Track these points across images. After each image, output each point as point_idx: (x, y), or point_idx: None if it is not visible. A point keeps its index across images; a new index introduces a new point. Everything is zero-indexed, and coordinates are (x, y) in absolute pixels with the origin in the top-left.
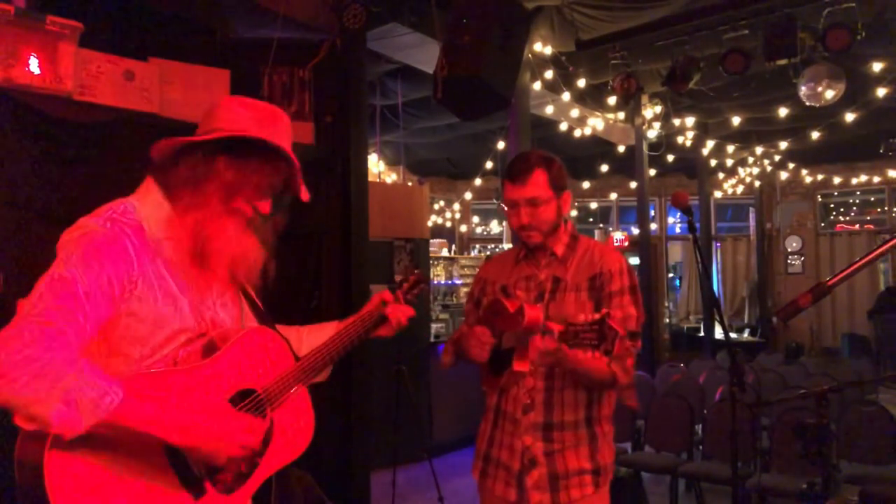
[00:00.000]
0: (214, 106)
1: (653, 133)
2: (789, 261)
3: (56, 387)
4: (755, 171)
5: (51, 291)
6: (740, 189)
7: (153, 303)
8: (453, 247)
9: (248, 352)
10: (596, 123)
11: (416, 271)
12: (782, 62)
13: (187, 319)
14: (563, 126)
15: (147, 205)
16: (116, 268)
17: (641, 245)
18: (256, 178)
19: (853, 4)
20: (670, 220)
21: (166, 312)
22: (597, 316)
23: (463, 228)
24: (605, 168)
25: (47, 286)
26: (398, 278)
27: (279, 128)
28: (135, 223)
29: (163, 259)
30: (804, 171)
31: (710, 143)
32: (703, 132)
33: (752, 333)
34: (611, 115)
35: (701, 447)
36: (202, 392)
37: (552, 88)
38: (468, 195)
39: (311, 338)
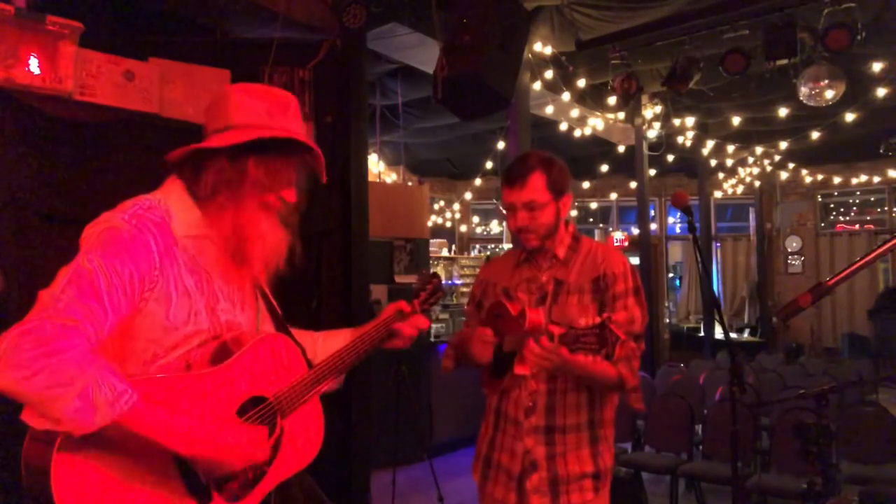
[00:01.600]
0: (221, 99)
1: (653, 133)
2: (789, 261)
3: (73, 384)
4: (755, 171)
5: (72, 285)
6: (740, 189)
7: (170, 303)
8: (453, 247)
9: (261, 358)
10: (596, 123)
11: (433, 279)
12: (782, 62)
13: (202, 322)
14: (563, 126)
15: (173, 203)
16: (138, 265)
17: (641, 245)
18: (285, 172)
19: (853, 4)
20: (670, 220)
21: (182, 314)
22: (598, 320)
23: (463, 228)
24: (605, 168)
25: (69, 280)
26: (404, 279)
27: (291, 113)
28: (159, 220)
29: (184, 258)
30: (804, 171)
31: (710, 143)
32: (703, 132)
33: (752, 333)
34: (611, 115)
35: (701, 447)
36: (213, 399)
37: (552, 88)
38: (468, 195)
39: (326, 344)
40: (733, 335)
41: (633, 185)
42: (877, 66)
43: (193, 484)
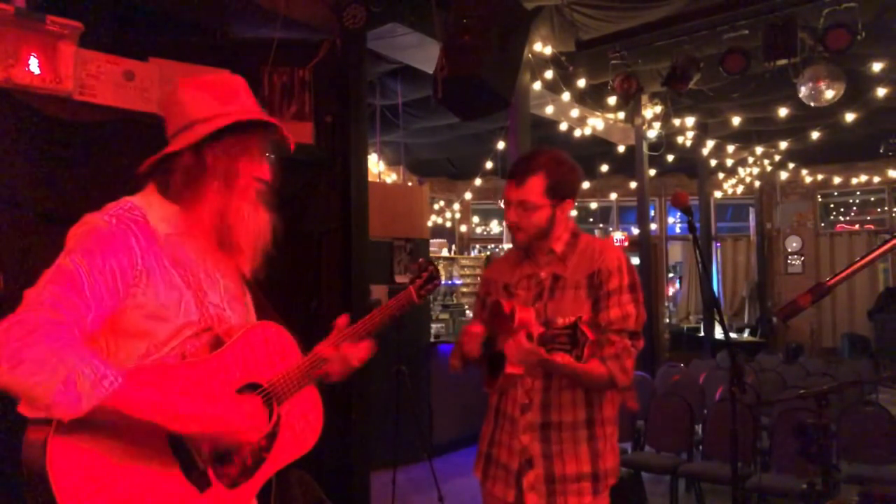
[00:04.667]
0: (173, 99)
1: (653, 133)
2: (789, 261)
3: (57, 370)
4: (755, 171)
5: (54, 282)
6: (740, 189)
7: (157, 297)
8: (453, 247)
9: (253, 346)
10: (596, 123)
11: (429, 267)
12: (782, 62)
13: (192, 314)
14: (563, 126)
15: (152, 203)
16: (120, 261)
17: (641, 245)
18: (247, 154)
19: (853, 4)
20: (670, 220)
21: (171, 307)
22: (571, 320)
23: (463, 228)
24: (605, 168)
25: (51, 277)
26: (403, 279)
27: (241, 95)
28: (140, 219)
29: (168, 255)
30: (804, 171)
31: (710, 143)
32: (703, 132)
33: (752, 333)
34: (611, 115)
35: (701, 447)
36: (208, 385)
37: (552, 88)
38: (468, 195)
39: None
40: (733, 335)
41: (633, 185)
42: (877, 66)
43: (191, 470)
